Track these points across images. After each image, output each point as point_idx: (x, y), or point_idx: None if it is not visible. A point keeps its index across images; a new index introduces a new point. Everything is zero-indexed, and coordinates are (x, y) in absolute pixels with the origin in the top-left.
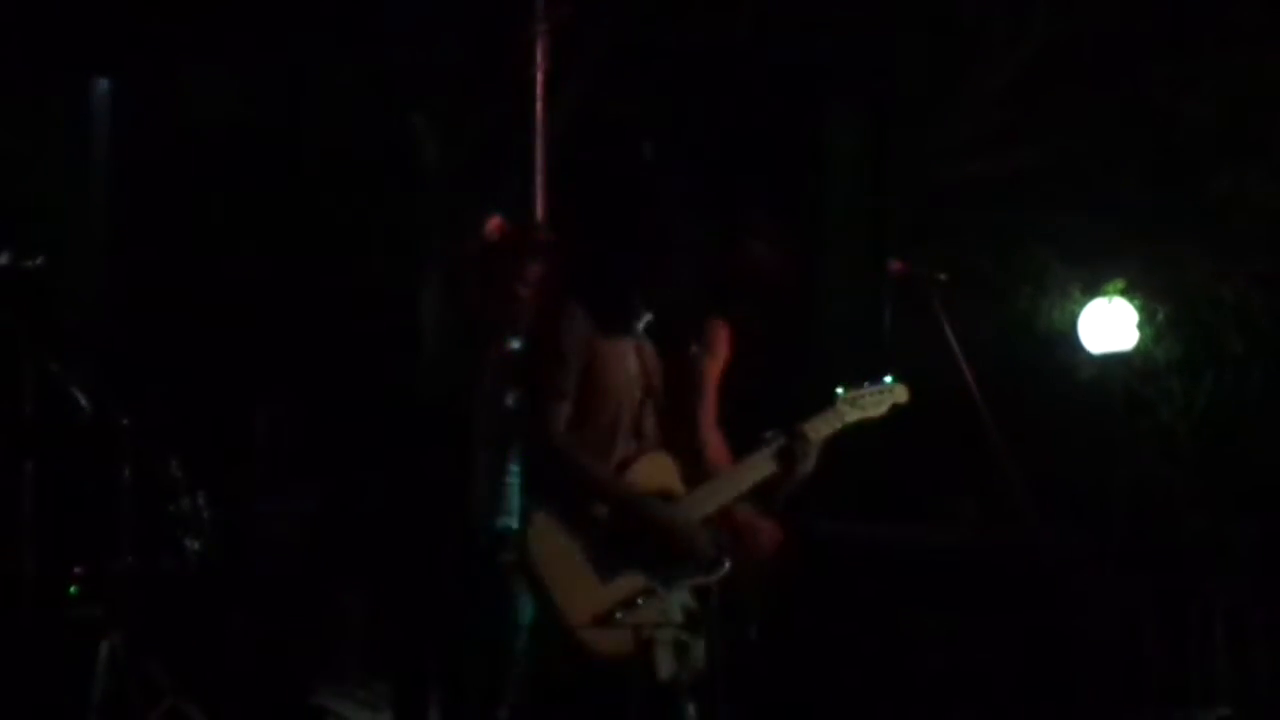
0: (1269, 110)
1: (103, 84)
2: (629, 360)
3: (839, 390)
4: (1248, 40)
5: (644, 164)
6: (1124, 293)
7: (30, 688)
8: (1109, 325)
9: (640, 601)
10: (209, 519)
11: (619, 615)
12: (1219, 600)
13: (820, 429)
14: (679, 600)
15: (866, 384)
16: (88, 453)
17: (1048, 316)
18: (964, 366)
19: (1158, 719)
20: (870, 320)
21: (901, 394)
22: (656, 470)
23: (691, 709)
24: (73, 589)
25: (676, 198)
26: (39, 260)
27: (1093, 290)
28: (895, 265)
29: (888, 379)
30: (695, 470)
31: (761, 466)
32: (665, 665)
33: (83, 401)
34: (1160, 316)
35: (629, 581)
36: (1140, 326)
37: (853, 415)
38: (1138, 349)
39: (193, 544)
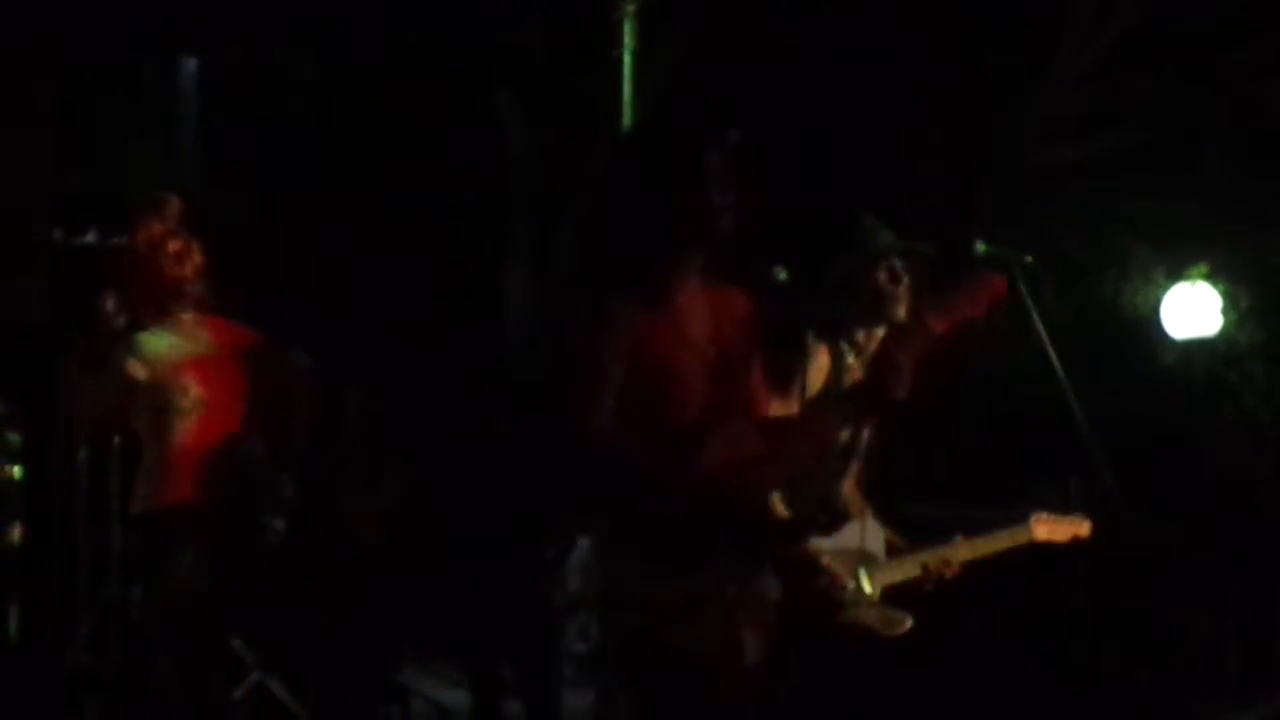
0: None
1: (190, 64)
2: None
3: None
4: None
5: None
6: (1208, 277)
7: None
8: (1192, 310)
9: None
10: (292, 498)
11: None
12: None
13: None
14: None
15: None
16: None
17: (1131, 300)
18: (1049, 349)
19: (1242, 703)
20: None
21: (1084, 529)
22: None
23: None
24: None
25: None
26: (125, 238)
27: (1176, 274)
28: (981, 248)
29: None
30: None
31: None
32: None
33: None
34: (1244, 302)
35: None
36: (1224, 311)
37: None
38: (1221, 334)
39: (276, 523)
